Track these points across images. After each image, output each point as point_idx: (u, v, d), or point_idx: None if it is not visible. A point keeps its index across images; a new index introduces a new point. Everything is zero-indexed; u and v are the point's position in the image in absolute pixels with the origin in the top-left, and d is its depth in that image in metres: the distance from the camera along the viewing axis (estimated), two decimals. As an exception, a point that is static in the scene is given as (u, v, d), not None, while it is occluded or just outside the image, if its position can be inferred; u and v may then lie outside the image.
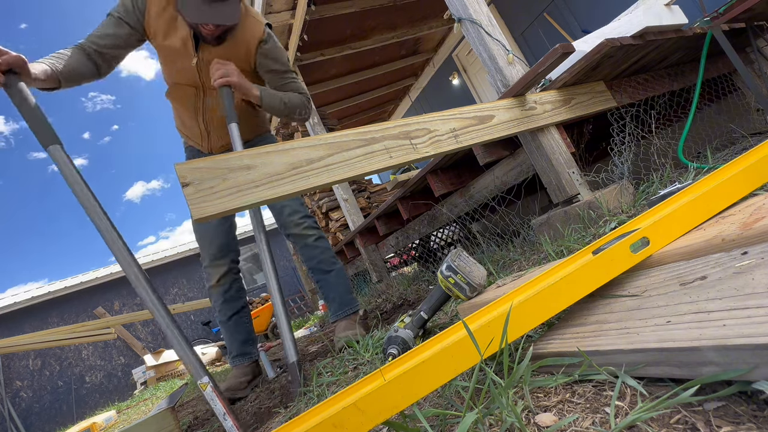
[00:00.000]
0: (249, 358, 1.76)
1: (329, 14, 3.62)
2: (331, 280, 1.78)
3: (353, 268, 3.79)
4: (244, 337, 1.77)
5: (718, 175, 0.78)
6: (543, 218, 1.49)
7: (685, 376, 0.43)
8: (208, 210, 0.90)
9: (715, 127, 2.02)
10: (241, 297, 1.80)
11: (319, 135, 1.23)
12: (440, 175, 1.96)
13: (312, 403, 1.06)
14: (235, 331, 1.76)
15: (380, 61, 5.19)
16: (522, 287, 0.67)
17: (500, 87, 1.60)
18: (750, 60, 2.17)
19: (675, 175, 1.43)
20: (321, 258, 1.76)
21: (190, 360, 1.10)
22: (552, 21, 4.31)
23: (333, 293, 1.77)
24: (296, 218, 1.74)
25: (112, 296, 9.92)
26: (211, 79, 1.49)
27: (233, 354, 1.75)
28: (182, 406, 2.47)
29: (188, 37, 1.48)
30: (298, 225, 1.74)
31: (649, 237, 0.71)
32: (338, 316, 1.76)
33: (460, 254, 1.08)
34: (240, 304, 1.79)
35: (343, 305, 1.77)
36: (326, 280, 1.77)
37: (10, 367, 8.65)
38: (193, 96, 1.62)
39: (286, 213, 1.74)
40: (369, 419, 0.55)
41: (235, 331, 1.76)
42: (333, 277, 1.78)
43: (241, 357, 1.75)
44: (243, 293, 1.82)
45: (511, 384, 0.54)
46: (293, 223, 1.74)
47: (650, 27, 1.56)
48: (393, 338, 1.06)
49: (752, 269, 0.50)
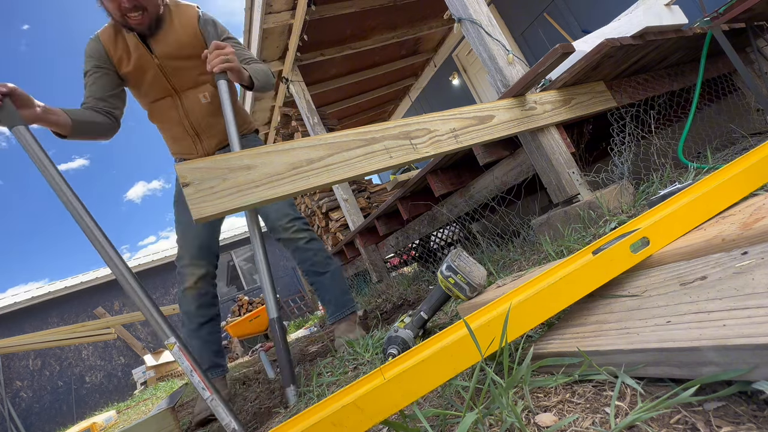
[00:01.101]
0: (222, 371, 1.67)
1: (329, 14, 3.62)
2: (326, 281, 1.72)
3: (353, 268, 3.79)
4: (216, 348, 1.67)
5: (718, 176, 0.78)
6: (543, 218, 1.49)
7: (685, 376, 0.43)
8: (208, 210, 0.90)
9: (715, 127, 2.02)
10: (215, 305, 1.71)
11: (319, 135, 1.23)
12: (440, 175, 1.96)
13: (312, 402, 1.06)
14: (208, 341, 1.65)
15: (380, 61, 5.19)
16: (522, 287, 0.67)
17: (500, 87, 1.60)
18: (750, 60, 2.17)
19: (675, 175, 1.43)
20: (314, 260, 1.70)
21: (156, 319, 1.12)
22: (552, 21, 4.31)
23: (329, 295, 1.72)
24: (285, 222, 1.67)
25: (112, 296, 9.92)
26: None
27: (205, 367, 1.62)
28: (182, 406, 2.47)
29: (137, 42, 1.53)
30: (288, 229, 1.67)
31: (649, 237, 0.71)
32: (336, 317, 1.72)
33: (460, 254, 1.08)
34: (214, 311, 1.70)
35: (340, 306, 1.72)
36: (321, 282, 1.72)
37: (10, 367, 8.65)
38: (171, 105, 1.62)
39: (273, 217, 1.68)
40: (368, 418, 0.55)
41: (208, 340, 1.65)
42: (328, 278, 1.72)
43: (214, 369, 1.64)
44: (217, 301, 1.72)
45: (511, 384, 0.54)
46: (282, 227, 1.67)
47: (650, 27, 1.56)
48: (393, 338, 1.06)
49: (752, 269, 0.50)
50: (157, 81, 1.58)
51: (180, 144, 1.69)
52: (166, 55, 1.56)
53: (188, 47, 1.59)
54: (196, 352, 1.64)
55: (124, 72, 1.57)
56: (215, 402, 1.07)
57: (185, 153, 1.71)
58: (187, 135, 1.67)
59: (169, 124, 1.66)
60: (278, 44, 3.83)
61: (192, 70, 1.62)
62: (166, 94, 1.61)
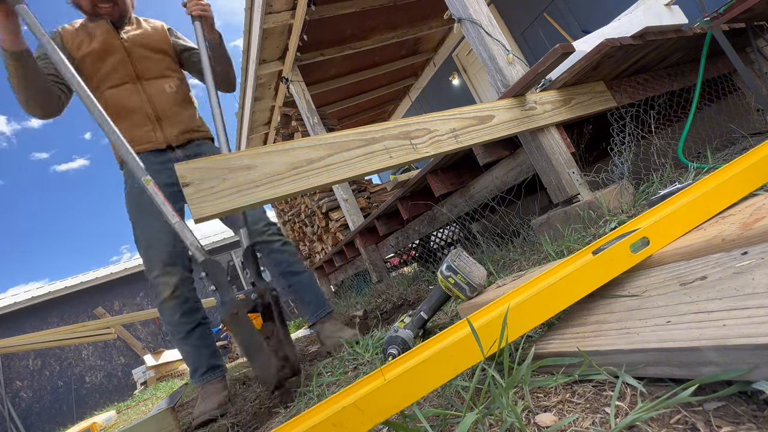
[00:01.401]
0: (220, 372, 1.63)
1: (329, 14, 3.62)
2: (305, 281, 1.73)
3: (353, 268, 3.79)
4: (212, 350, 1.64)
5: (718, 176, 0.78)
6: (543, 218, 1.49)
7: (685, 376, 0.43)
8: (209, 210, 0.90)
9: (715, 127, 2.02)
10: (199, 309, 1.65)
11: (319, 135, 1.23)
12: (440, 175, 1.96)
13: (312, 403, 1.06)
14: (201, 345, 1.61)
15: (380, 61, 5.18)
16: (522, 287, 0.67)
17: (500, 87, 1.60)
18: (750, 60, 2.17)
19: (675, 175, 1.43)
20: (291, 260, 1.72)
21: (132, 157, 1.18)
22: (552, 21, 4.31)
23: (309, 295, 1.73)
24: (261, 225, 1.69)
25: (112, 296, 9.92)
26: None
27: (203, 370, 1.60)
28: (182, 406, 2.47)
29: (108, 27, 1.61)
30: (263, 232, 1.69)
31: (649, 237, 0.71)
32: (318, 316, 1.72)
33: (460, 254, 1.08)
34: (200, 315, 1.65)
35: (321, 305, 1.74)
36: (300, 282, 1.73)
37: (10, 367, 8.65)
38: (132, 91, 1.63)
39: (250, 221, 1.65)
40: (369, 419, 0.55)
41: (201, 344, 1.61)
42: (306, 278, 1.73)
43: (212, 371, 1.61)
44: (200, 305, 1.66)
45: (511, 384, 0.54)
46: (258, 231, 1.68)
47: (650, 27, 1.56)
48: (393, 338, 1.06)
49: (752, 269, 0.50)
50: (122, 65, 1.62)
51: (136, 131, 1.63)
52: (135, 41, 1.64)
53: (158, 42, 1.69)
54: (190, 358, 1.61)
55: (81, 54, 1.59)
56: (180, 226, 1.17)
57: (140, 141, 1.64)
58: (147, 121, 1.64)
59: (125, 112, 1.63)
60: (278, 44, 3.83)
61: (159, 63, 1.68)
62: (128, 80, 1.63)
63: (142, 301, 10.24)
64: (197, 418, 1.49)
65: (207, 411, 1.48)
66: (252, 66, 4.02)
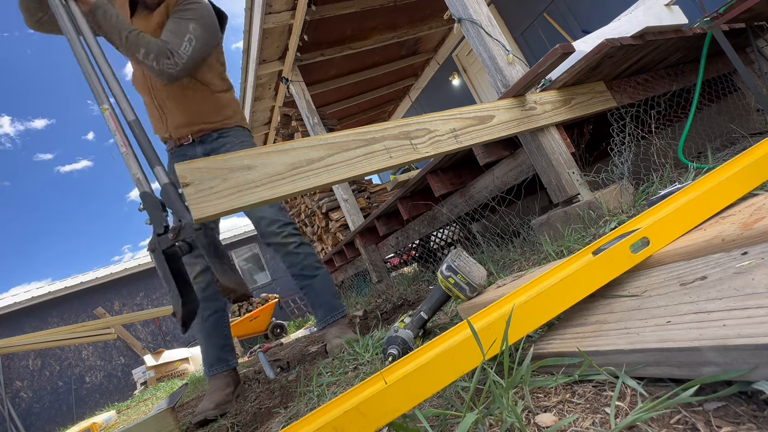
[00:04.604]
0: (227, 366, 1.66)
1: (329, 14, 3.62)
2: (317, 285, 1.71)
3: (353, 268, 3.79)
4: (223, 342, 1.67)
5: (717, 174, 0.78)
6: (543, 218, 1.49)
7: (685, 376, 0.43)
8: (209, 210, 0.90)
9: (715, 128, 2.02)
10: (220, 299, 1.69)
11: (319, 135, 1.23)
12: (440, 176, 1.96)
13: (312, 402, 1.06)
14: (213, 334, 1.64)
15: (380, 61, 5.18)
16: (522, 288, 0.67)
17: (500, 87, 1.60)
18: (750, 60, 2.17)
19: (675, 175, 1.43)
20: (304, 264, 1.70)
21: (95, 86, 1.17)
22: (552, 21, 4.31)
23: (319, 299, 1.72)
24: (275, 227, 1.67)
25: (112, 296, 9.92)
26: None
27: (210, 361, 1.64)
28: (182, 406, 2.47)
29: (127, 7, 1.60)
30: (278, 234, 1.67)
31: (649, 237, 0.71)
32: (326, 321, 1.71)
33: (460, 254, 1.08)
34: (219, 305, 1.68)
35: (330, 310, 1.72)
36: (311, 286, 1.71)
37: (10, 367, 8.64)
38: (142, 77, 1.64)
39: (264, 224, 1.67)
40: (371, 423, 0.54)
41: (213, 333, 1.64)
42: (318, 282, 1.72)
43: (218, 364, 1.64)
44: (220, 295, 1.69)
45: (511, 384, 0.54)
46: (273, 232, 1.67)
47: (650, 27, 1.56)
48: (393, 338, 1.06)
49: (752, 269, 0.50)
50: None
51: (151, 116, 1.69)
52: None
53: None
54: (203, 348, 1.65)
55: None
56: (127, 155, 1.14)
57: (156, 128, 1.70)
58: (154, 108, 1.67)
59: (142, 93, 1.68)
60: (278, 44, 3.83)
61: None
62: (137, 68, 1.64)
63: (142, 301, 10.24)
64: (195, 417, 1.51)
65: (204, 411, 1.49)
66: (252, 66, 4.02)
